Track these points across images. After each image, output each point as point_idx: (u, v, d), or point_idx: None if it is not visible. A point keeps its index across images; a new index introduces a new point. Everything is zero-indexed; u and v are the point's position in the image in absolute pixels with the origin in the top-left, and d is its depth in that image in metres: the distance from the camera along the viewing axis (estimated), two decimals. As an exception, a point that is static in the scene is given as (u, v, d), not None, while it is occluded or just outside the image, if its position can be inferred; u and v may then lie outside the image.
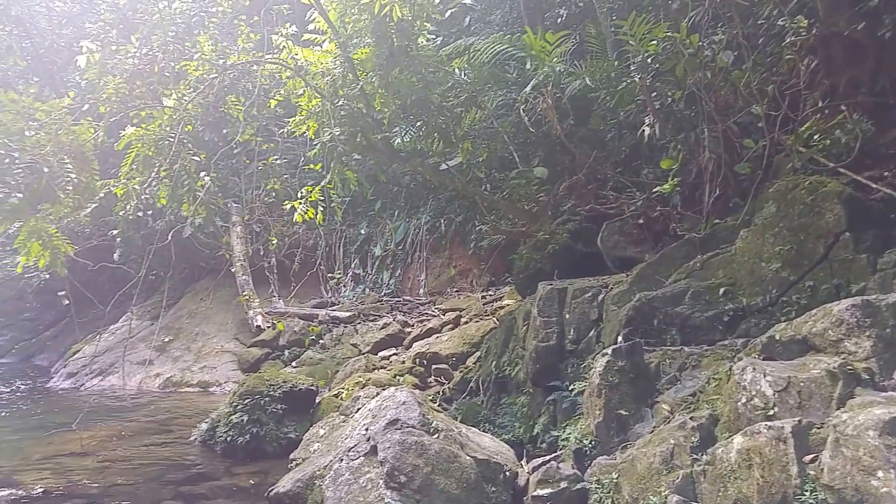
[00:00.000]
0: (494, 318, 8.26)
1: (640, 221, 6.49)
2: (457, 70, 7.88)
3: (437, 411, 4.95)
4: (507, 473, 4.36)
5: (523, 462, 4.76)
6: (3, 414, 8.88)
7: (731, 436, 3.28)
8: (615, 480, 3.77)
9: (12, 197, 6.29)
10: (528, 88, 7.34)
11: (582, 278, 6.04)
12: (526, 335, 6.03)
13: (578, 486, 4.02)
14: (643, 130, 6.04)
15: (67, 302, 7.99)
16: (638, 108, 6.57)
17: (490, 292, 9.99)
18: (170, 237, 7.32)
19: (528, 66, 7.59)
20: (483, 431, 5.27)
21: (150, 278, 7.02)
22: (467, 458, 4.20)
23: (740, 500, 3.02)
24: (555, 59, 7.55)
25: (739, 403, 3.41)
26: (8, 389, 11.10)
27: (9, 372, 13.49)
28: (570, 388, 5.12)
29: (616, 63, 7.11)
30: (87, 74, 7.44)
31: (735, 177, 5.49)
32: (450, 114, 7.60)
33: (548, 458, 4.49)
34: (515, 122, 8.09)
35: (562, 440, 4.78)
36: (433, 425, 4.32)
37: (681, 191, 6.03)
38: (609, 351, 4.45)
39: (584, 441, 4.35)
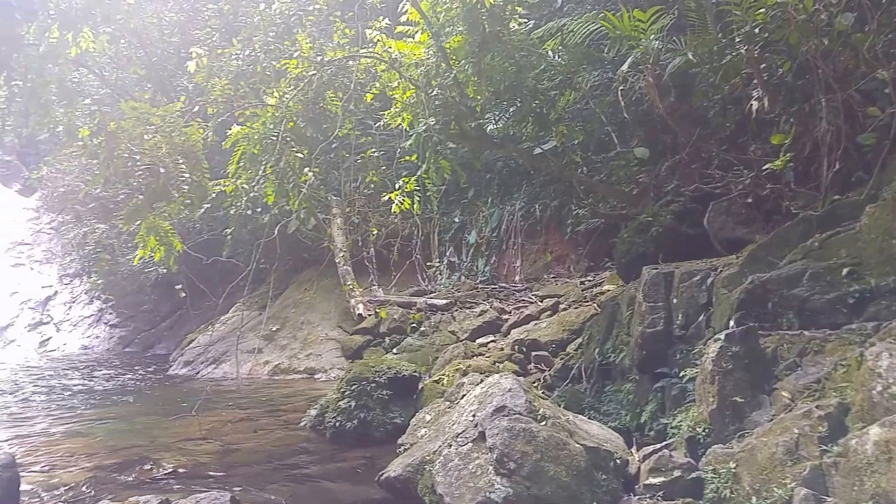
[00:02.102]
0: (595, 304, 8.11)
1: (749, 200, 6.18)
2: (550, 52, 7.76)
3: (542, 398, 4.92)
4: (618, 461, 4.28)
5: (633, 450, 4.66)
6: (131, 400, 9.57)
7: (865, 426, 3.07)
8: (733, 470, 3.62)
9: (135, 197, 6.76)
10: (624, 67, 7.13)
11: (688, 261, 5.82)
12: (630, 321, 5.88)
13: (693, 475, 3.90)
14: (750, 105, 5.74)
15: (184, 294, 8.48)
16: (744, 81, 6.24)
17: (589, 278, 9.81)
18: (276, 231, 7.63)
19: (617, 48, 7.35)
20: (588, 419, 5.21)
21: (257, 269, 7.35)
22: (576, 445, 4.16)
23: (879, 495, 2.83)
24: (651, 36, 7.30)
25: (874, 392, 3.18)
26: (134, 376, 11.98)
27: (133, 360, 14.57)
28: (679, 375, 4.96)
29: (719, 36, 6.78)
30: (196, 78, 7.85)
31: (857, 149, 5.12)
32: (544, 97, 7.49)
33: (658, 446, 4.38)
34: (612, 101, 7.88)
35: (671, 428, 4.65)
36: (540, 412, 4.30)
37: (794, 166, 5.69)
38: (722, 336, 4.26)
39: (697, 429, 4.21)
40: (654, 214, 6.79)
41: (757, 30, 5.31)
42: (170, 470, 5.43)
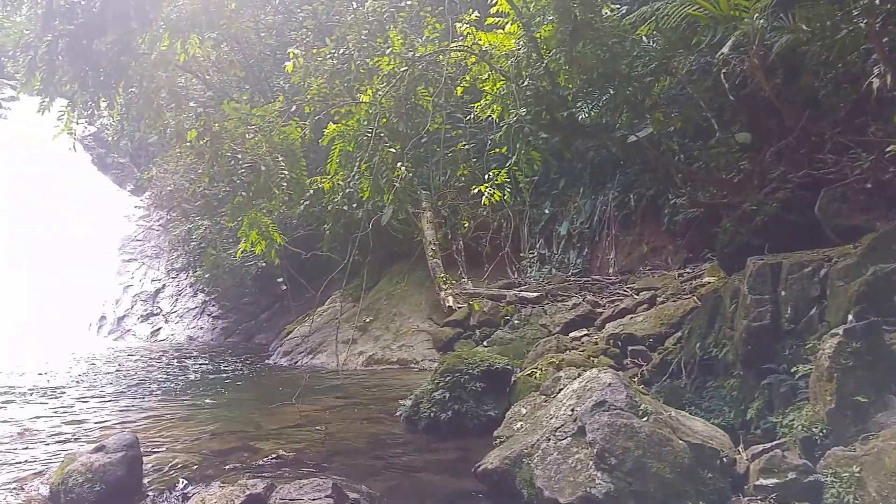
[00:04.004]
0: (695, 297, 7.83)
1: (869, 185, 5.78)
2: (644, 38, 7.51)
3: (643, 394, 4.79)
4: (724, 460, 4.11)
5: (739, 448, 4.46)
6: (235, 388, 10.02)
7: None
8: (857, 475, 3.40)
9: (238, 195, 7.06)
10: (725, 49, 6.79)
11: (798, 252, 5.52)
12: (734, 314, 5.64)
13: (810, 478, 3.69)
14: (870, 82, 5.33)
15: (285, 287, 8.78)
16: (861, 57, 5.81)
17: (687, 270, 9.47)
18: (370, 225, 7.78)
19: (712, 34, 6.99)
20: (690, 415, 5.02)
21: (351, 262, 7.54)
22: (680, 442, 4.02)
23: None
24: (755, 15, 6.92)
25: None
26: (236, 366, 12.55)
27: (236, 350, 15.28)
28: (790, 371, 4.72)
29: (834, 9, 6.34)
30: (293, 78, 8.09)
31: None
32: (638, 83, 7.27)
33: (769, 445, 4.17)
34: (710, 86, 7.54)
35: (782, 427, 4.43)
36: (641, 408, 4.18)
37: (923, 148, 5.27)
38: (840, 331, 4.01)
39: (813, 429, 3.98)
40: (759, 203, 6.47)
41: (878, 0, 4.93)
42: (272, 456, 5.62)
